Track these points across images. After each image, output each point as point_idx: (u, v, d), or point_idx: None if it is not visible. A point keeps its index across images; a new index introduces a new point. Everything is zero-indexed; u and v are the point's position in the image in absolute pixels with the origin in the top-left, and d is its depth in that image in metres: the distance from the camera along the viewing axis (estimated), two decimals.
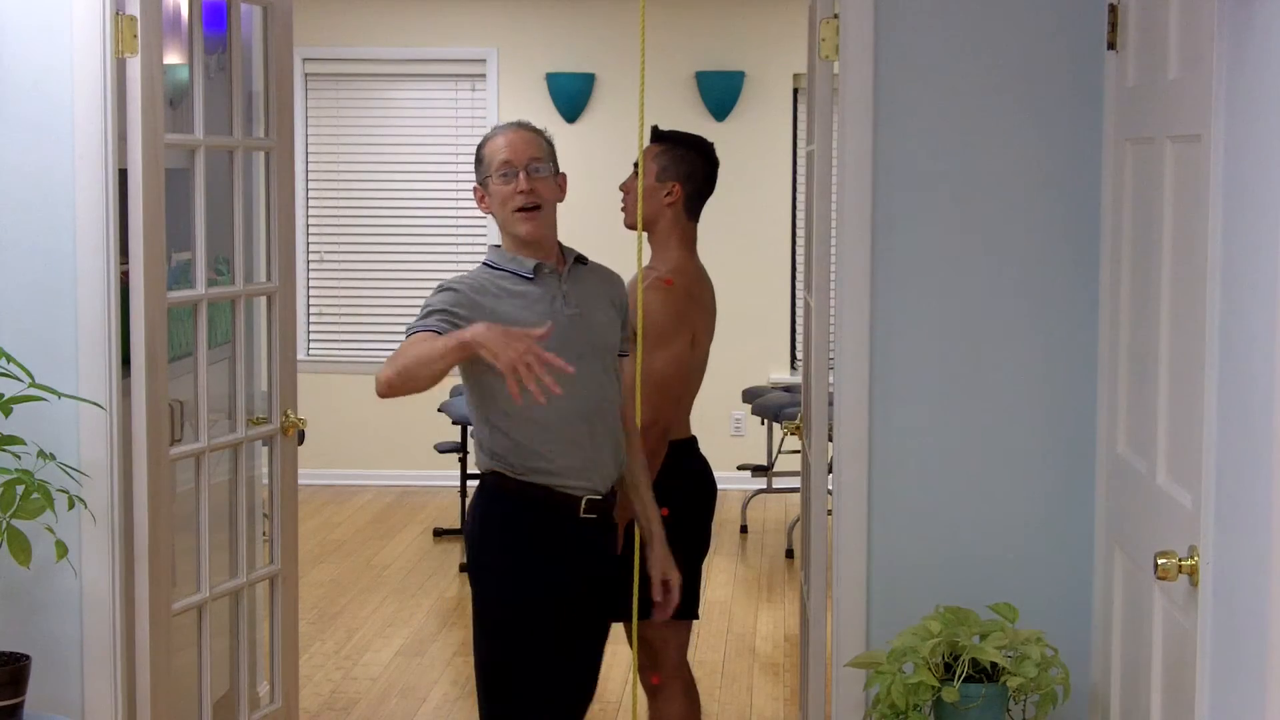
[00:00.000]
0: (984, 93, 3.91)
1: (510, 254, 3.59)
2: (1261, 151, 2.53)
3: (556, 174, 3.60)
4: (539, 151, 3.55)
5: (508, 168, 3.51)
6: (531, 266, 3.55)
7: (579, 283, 3.61)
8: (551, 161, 3.59)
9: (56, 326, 3.97)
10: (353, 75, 9.78)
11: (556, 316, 3.49)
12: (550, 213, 3.57)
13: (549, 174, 3.56)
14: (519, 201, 3.50)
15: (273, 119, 4.50)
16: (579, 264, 3.63)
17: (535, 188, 3.51)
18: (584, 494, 3.55)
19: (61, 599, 4.01)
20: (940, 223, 3.94)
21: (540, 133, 3.62)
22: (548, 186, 3.55)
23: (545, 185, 3.54)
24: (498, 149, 3.54)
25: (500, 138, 3.56)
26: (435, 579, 7.55)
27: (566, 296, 3.56)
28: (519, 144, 3.53)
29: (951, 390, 3.95)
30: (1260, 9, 2.54)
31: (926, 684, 3.60)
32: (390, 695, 5.84)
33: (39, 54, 3.93)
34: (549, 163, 3.57)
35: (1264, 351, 2.49)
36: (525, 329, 3.21)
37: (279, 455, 4.60)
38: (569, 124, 9.60)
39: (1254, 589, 2.52)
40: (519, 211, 3.51)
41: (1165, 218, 3.23)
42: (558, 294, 3.55)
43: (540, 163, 3.53)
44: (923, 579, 3.96)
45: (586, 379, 3.50)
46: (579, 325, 3.54)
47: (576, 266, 3.62)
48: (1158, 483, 3.24)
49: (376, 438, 9.71)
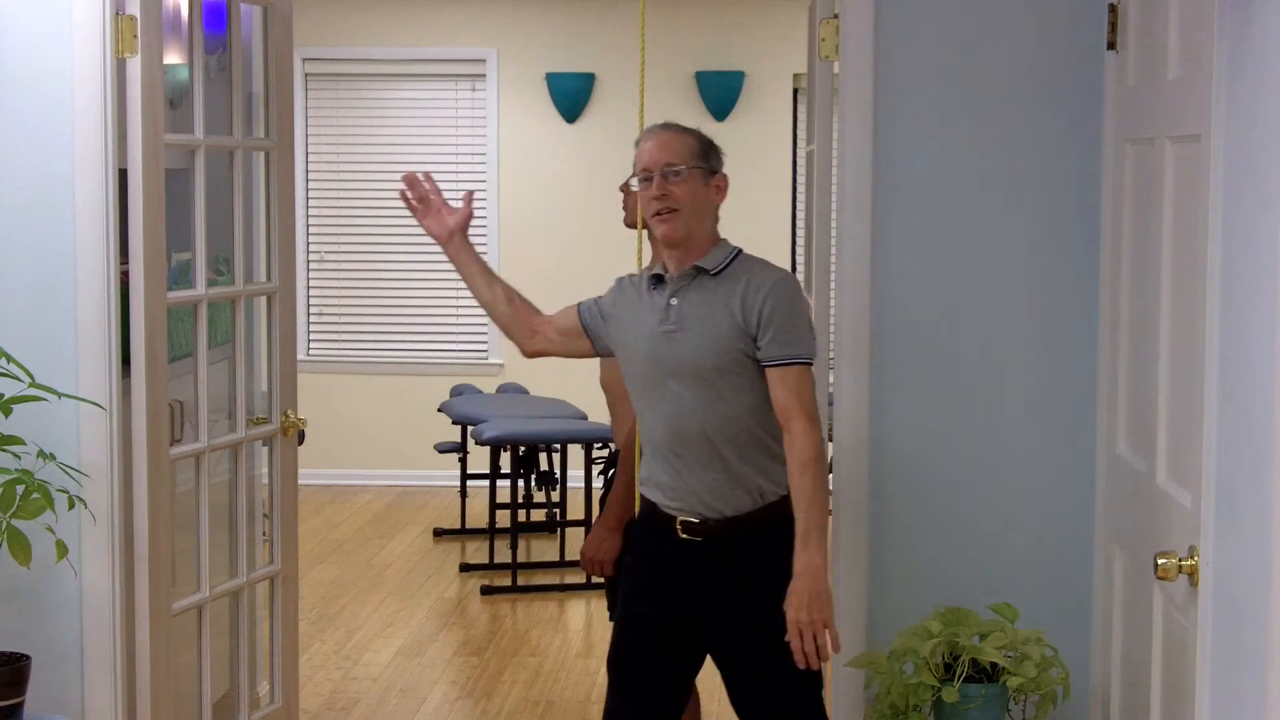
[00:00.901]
0: (984, 93, 3.91)
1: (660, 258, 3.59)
2: (1261, 151, 2.53)
3: (711, 174, 3.49)
4: (676, 155, 3.46)
5: (646, 173, 3.47)
6: (653, 275, 3.54)
7: (697, 294, 3.47)
8: (698, 163, 3.47)
9: (56, 326, 3.97)
10: (353, 75, 9.78)
11: (653, 331, 3.47)
12: (689, 215, 3.45)
13: (690, 177, 3.45)
14: (654, 206, 3.46)
15: (273, 119, 4.50)
16: (702, 274, 3.47)
17: (670, 191, 3.44)
18: (678, 514, 3.50)
19: (61, 599, 4.01)
20: (940, 223, 3.94)
21: (686, 134, 3.52)
22: (686, 190, 3.45)
23: (683, 188, 3.44)
24: (640, 155, 3.50)
25: (644, 143, 3.51)
26: (435, 579, 7.55)
27: (669, 311, 3.47)
28: (655, 149, 3.47)
29: (951, 390, 3.95)
30: (1260, 9, 2.54)
31: (926, 684, 3.61)
32: (390, 695, 5.84)
33: (39, 54, 3.93)
34: (693, 165, 3.46)
35: (1264, 351, 2.49)
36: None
37: (279, 455, 4.60)
38: (569, 124, 9.61)
39: (1254, 589, 2.52)
40: (655, 216, 3.47)
41: (1165, 218, 3.23)
42: (666, 307, 3.49)
43: (678, 166, 3.45)
44: (923, 579, 3.97)
45: (671, 400, 3.45)
46: (671, 344, 3.45)
47: (700, 277, 3.48)
48: (1158, 483, 3.24)
49: (376, 438, 9.71)
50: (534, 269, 9.67)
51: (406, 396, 9.62)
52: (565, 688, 5.94)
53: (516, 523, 7.55)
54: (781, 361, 3.38)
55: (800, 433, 3.35)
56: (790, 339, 3.38)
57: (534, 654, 6.38)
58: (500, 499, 8.00)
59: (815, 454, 3.34)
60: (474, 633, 6.73)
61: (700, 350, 3.42)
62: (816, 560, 3.31)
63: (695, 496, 3.46)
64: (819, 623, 3.30)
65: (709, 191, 3.49)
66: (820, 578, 3.31)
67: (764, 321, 3.38)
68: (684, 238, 3.47)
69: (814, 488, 3.33)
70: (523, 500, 7.77)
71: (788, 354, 3.37)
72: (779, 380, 3.38)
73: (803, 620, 3.30)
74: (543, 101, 9.61)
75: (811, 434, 3.35)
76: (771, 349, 3.38)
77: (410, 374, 9.73)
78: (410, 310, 9.84)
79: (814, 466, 3.34)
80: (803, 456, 3.34)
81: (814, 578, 3.30)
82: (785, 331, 3.38)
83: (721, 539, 3.46)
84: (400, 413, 9.67)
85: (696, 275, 3.47)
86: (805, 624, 3.30)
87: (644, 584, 3.60)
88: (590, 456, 7.57)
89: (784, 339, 3.38)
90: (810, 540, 3.31)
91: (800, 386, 3.37)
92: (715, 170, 3.51)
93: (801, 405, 3.36)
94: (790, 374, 3.37)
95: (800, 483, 3.34)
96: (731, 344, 3.41)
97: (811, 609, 3.29)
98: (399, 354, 9.82)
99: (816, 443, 3.36)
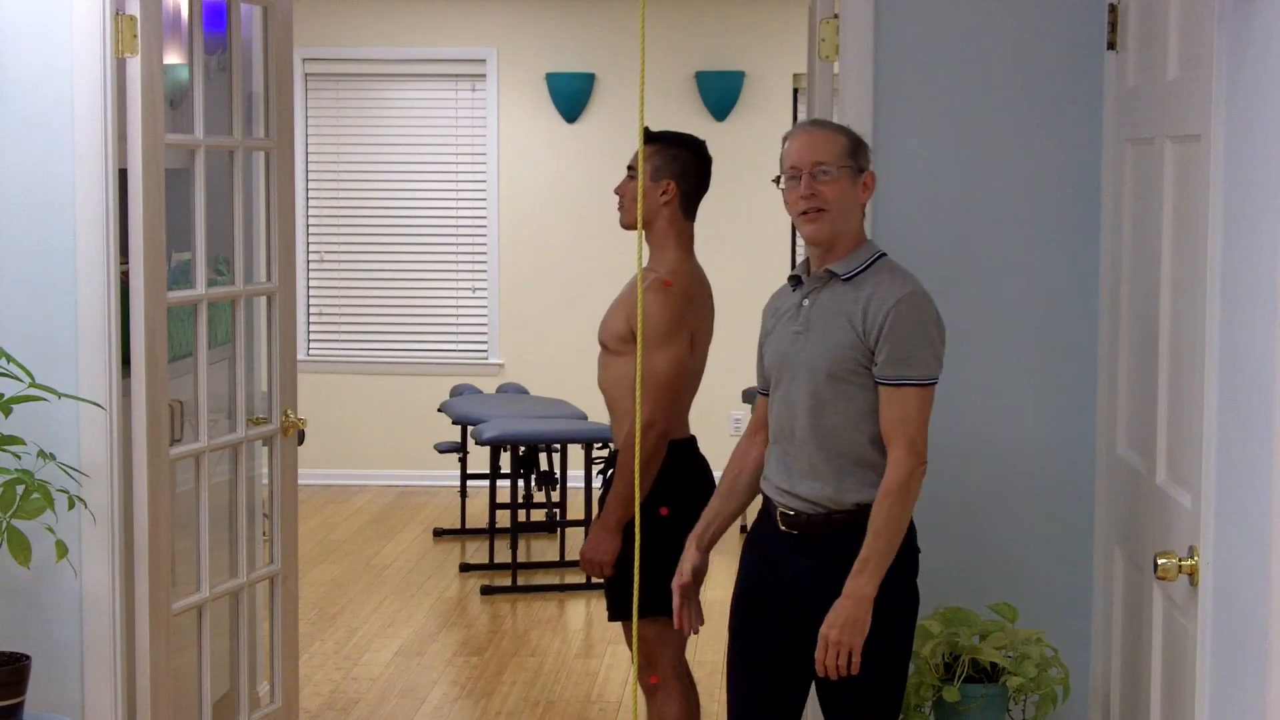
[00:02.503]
0: (984, 93, 3.92)
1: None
2: (1261, 151, 2.53)
3: (860, 172, 3.44)
4: (826, 154, 3.42)
5: (794, 171, 3.46)
6: (792, 276, 3.54)
7: (827, 298, 3.42)
8: (848, 161, 3.43)
9: (56, 326, 3.97)
10: (353, 75, 9.77)
11: (786, 331, 3.48)
12: (836, 216, 3.41)
13: (839, 177, 3.42)
14: (801, 206, 3.44)
15: (273, 119, 4.50)
16: (834, 278, 3.43)
17: (818, 191, 3.41)
18: (780, 505, 3.49)
19: (61, 599, 4.01)
20: (940, 223, 3.94)
21: (836, 131, 3.50)
22: (834, 189, 3.41)
23: (831, 188, 3.41)
24: (787, 153, 3.48)
25: (791, 141, 3.49)
26: (435, 579, 7.55)
27: (799, 311, 3.46)
28: (804, 147, 3.45)
29: (951, 390, 3.95)
30: (1260, 9, 2.54)
31: (927, 684, 3.61)
32: (390, 695, 5.84)
33: (39, 54, 3.93)
34: (842, 164, 3.43)
35: (1264, 351, 2.49)
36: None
37: (279, 455, 4.60)
38: (569, 124, 9.61)
39: (1254, 589, 2.52)
40: (801, 215, 3.45)
41: (1165, 218, 3.23)
42: (798, 307, 3.48)
43: (827, 165, 3.41)
44: (923, 579, 3.96)
45: (789, 401, 3.45)
46: (798, 344, 3.44)
47: (832, 281, 3.42)
48: (1158, 483, 3.24)
49: (376, 438, 9.71)
50: (534, 269, 9.69)
51: (406, 396, 9.62)
52: (565, 688, 5.94)
53: (516, 523, 7.55)
54: (893, 381, 3.32)
55: (894, 459, 3.31)
56: (904, 358, 3.31)
57: (534, 654, 6.37)
58: (500, 499, 8.00)
59: (900, 484, 3.30)
60: (474, 633, 6.72)
61: (818, 355, 3.39)
62: (866, 590, 3.29)
63: (796, 495, 3.45)
64: (847, 646, 3.30)
65: (856, 190, 3.45)
66: (864, 606, 3.30)
67: (882, 337, 3.32)
68: (830, 238, 3.43)
69: (887, 517, 3.30)
70: (523, 500, 7.77)
71: (900, 374, 3.31)
72: (887, 400, 3.33)
73: (832, 638, 3.30)
74: (543, 101, 9.61)
75: (904, 462, 3.30)
76: (885, 367, 3.32)
77: (410, 374, 9.73)
78: (410, 310, 9.83)
79: (894, 496, 3.30)
80: (887, 484, 3.31)
81: (858, 603, 3.29)
82: (901, 349, 3.31)
83: (816, 533, 3.43)
84: (400, 413, 9.67)
85: (830, 279, 3.43)
86: (834, 642, 3.30)
87: (749, 569, 3.60)
88: (590, 456, 7.56)
89: (898, 357, 3.31)
90: (867, 568, 3.30)
91: (906, 410, 3.31)
92: (863, 168, 3.47)
93: (904, 430, 3.31)
94: (899, 395, 3.31)
95: (877, 508, 3.31)
96: (849, 353, 3.36)
97: (845, 631, 3.29)
98: (399, 354, 9.82)
99: (906, 472, 3.29)
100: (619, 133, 9.30)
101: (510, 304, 9.63)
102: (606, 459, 4.47)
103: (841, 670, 3.31)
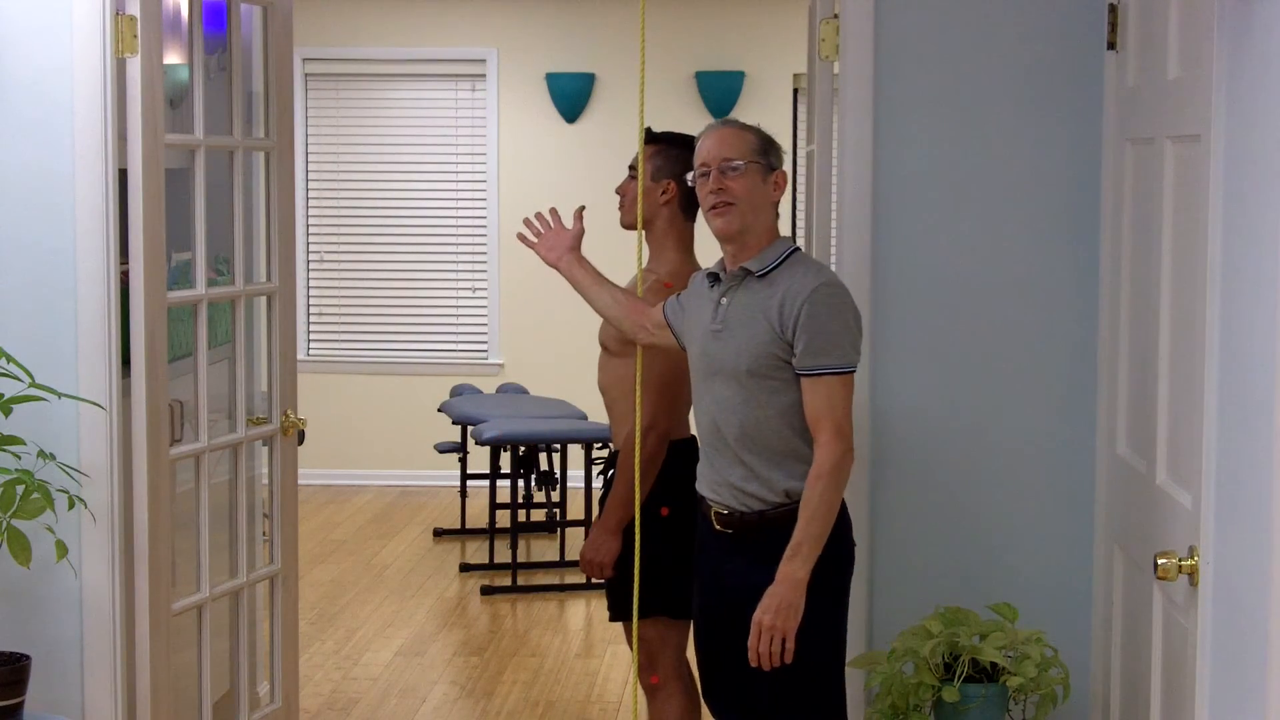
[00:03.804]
0: (984, 93, 3.92)
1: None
2: (1261, 151, 2.53)
3: (770, 170, 3.48)
4: (733, 150, 3.46)
5: (704, 168, 3.49)
6: (709, 273, 3.57)
7: (743, 296, 3.47)
8: (756, 158, 3.47)
9: (56, 326, 3.97)
10: (353, 75, 9.78)
11: (706, 329, 3.51)
12: (745, 210, 3.45)
13: (747, 172, 3.46)
14: (709, 200, 3.48)
15: (273, 119, 4.50)
16: (749, 275, 3.46)
17: (726, 185, 3.45)
18: (714, 505, 3.54)
19: (61, 599, 4.01)
20: (940, 223, 3.94)
21: (746, 129, 3.53)
22: (742, 184, 3.45)
23: (739, 182, 3.45)
24: (698, 151, 3.52)
25: (702, 140, 3.53)
26: (435, 579, 7.55)
27: (718, 310, 3.50)
28: (714, 144, 3.49)
29: (952, 390, 3.95)
30: (1260, 9, 2.54)
31: (926, 684, 3.61)
32: (390, 695, 5.84)
33: (39, 54, 3.93)
34: (751, 160, 3.46)
35: (1264, 351, 2.49)
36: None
37: (279, 455, 4.60)
38: (569, 124, 9.61)
39: (1254, 589, 2.52)
40: (711, 210, 3.48)
41: (1165, 218, 3.23)
42: (716, 305, 3.51)
43: (735, 160, 3.45)
44: (923, 579, 3.97)
45: (710, 399, 3.49)
46: (716, 342, 3.48)
47: (747, 278, 3.46)
48: (1158, 483, 3.24)
49: (376, 438, 9.71)
50: (534, 269, 9.66)
51: (406, 396, 9.62)
52: (565, 688, 5.94)
53: (516, 523, 7.55)
54: (813, 371, 3.35)
55: (822, 445, 3.33)
56: (823, 348, 3.34)
57: (534, 654, 6.38)
58: (500, 499, 8.00)
59: (831, 468, 3.32)
60: (474, 633, 6.72)
61: (738, 354, 3.43)
62: (799, 574, 3.32)
63: (728, 489, 3.49)
64: (780, 631, 3.32)
65: (767, 188, 3.49)
66: (797, 591, 3.31)
67: (799, 329, 3.35)
68: (739, 231, 3.47)
69: (819, 502, 3.32)
70: (523, 500, 7.77)
71: (820, 364, 3.34)
72: (810, 390, 3.36)
73: (766, 624, 3.32)
74: (543, 101, 9.61)
75: (832, 447, 3.32)
76: (804, 358, 3.35)
77: (410, 374, 9.73)
78: (410, 310, 9.83)
79: (825, 480, 3.32)
80: (818, 468, 3.33)
81: (791, 588, 3.31)
82: (818, 340, 3.34)
83: (748, 532, 3.47)
84: (400, 413, 9.67)
85: (745, 277, 3.47)
86: (767, 628, 3.32)
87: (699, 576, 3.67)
88: (590, 457, 7.57)
89: (817, 348, 3.34)
90: (799, 552, 3.32)
91: (831, 398, 3.34)
92: (774, 167, 3.50)
93: (830, 417, 3.33)
94: (821, 385, 3.34)
95: (808, 494, 3.34)
96: (768, 349, 3.39)
97: (778, 616, 3.31)
98: (399, 354, 9.82)
99: (836, 457, 3.32)
100: (619, 133, 9.31)
101: (510, 304, 9.63)
102: (607, 459, 4.47)
103: (775, 659, 3.33)
